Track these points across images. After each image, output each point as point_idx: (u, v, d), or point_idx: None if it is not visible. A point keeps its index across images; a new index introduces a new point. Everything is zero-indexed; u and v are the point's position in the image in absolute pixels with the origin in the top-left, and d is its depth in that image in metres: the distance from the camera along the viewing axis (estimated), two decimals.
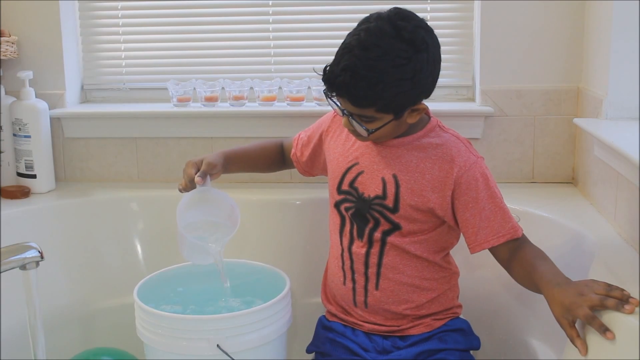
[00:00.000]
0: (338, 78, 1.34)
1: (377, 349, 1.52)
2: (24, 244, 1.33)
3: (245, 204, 2.08)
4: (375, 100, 1.34)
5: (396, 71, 1.33)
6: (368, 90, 1.32)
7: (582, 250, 1.62)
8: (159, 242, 2.09)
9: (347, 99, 1.36)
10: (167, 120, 2.23)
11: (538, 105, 2.09)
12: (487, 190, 1.44)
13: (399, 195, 1.45)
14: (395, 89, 1.34)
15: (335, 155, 1.56)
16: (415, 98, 1.39)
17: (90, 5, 2.32)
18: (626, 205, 1.60)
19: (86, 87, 2.38)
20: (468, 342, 1.54)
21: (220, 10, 2.29)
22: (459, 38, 2.20)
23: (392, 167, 1.47)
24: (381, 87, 1.32)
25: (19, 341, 1.57)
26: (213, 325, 1.48)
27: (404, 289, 1.50)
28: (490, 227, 1.43)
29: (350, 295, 1.54)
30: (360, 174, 1.49)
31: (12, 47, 2.17)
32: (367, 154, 1.50)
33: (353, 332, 1.55)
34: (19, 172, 2.18)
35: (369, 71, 1.32)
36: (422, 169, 1.45)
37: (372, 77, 1.32)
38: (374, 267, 1.50)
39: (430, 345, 1.50)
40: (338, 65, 1.35)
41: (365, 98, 1.34)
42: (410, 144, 1.47)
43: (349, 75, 1.32)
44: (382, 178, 1.47)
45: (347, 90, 1.35)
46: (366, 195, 1.48)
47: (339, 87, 1.35)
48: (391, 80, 1.33)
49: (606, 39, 1.79)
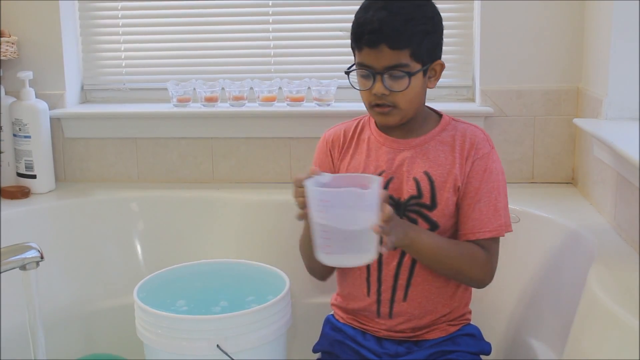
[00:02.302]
0: (374, 17, 1.37)
1: (389, 354, 1.51)
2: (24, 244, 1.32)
3: (246, 204, 2.09)
4: (410, 38, 1.38)
5: (420, 10, 1.41)
6: (404, 24, 1.37)
7: (582, 250, 1.62)
8: (159, 242, 2.10)
9: (384, 41, 1.37)
10: (167, 120, 2.23)
11: (538, 106, 2.09)
12: (488, 183, 1.46)
13: (435, 191, 1.45)
14: (423, 27, 1.40)
15: (357, 169, 1.51)
16: (436, 46, 1.45)
17: (90, 5, 2.33)
18: (625, 205, 1.60)
19: (86, 88, 2.38)
20: (479, 347, 1.54)
21: (220, 10, 2.29)
22: (459, 38, 2.20)
23: (422, 166, 1.47)
24: (412, 23, 1.38)
25: (19, 341, 1.57)
26: (213, 325, 1.48)
27: (432, 297, 1.49)
28: (479, 219, 1.44)
29: (374, 307, 1.51)
30: (391, 180, 1.47)
31: (12, 47, 2.17)
32: (391, 159, 1.48)
33: (363, 336, 1.54)
34: (19, 173, 2.18)
35: (400, 9, 1.38)
36: (449, 160, 1.47)
37: (404, 13, 1.38)
38: (404, 277, 1.48)
39: (444, 347, 1.50)
40: (368, 12, 1.39)
41: (403, 34, 1.37)
42: (433, 140, 1.48)
43: (385, 13, 1.37)
44: (414, 178, 1.46)
45: (386, 27, 1.36)
46: (402, 199, 1.47)
47: (376, 27, 1.36)
48: (419, 17, 1.39)
49: (606, 39, 1.79)
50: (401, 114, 1.44)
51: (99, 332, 2.01)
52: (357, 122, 1.57)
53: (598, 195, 1.84)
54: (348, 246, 1.27)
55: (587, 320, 1.32)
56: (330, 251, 1.28)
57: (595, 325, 1.27)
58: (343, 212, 1.25)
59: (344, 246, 1.27)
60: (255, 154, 2.21)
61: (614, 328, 1.14)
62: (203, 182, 2.24)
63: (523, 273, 1.79)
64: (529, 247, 1.79)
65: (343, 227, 1.25)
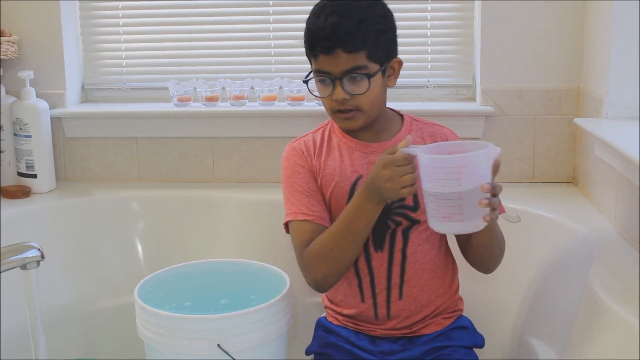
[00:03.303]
0: (326, 22, 1.35)
1: (384, 352, 1.51)
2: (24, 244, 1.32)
3: (246, 204, 2.09)
4: (365, 39, 1.36)
5: (371, 10, 1.39)
6: (357, 26, 1.35)
7: (582, 250, 1.62)
8: (159, 242, 2.10)
9: (339, 46, 1.35)
10: (167, 120, 2.23)
11: (538, 105, 2.09)
12: None
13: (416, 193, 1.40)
14: (376, 26, 1.38)
15: (333, 175, 1.48)
16: (391, 44, 1.44)
17: (90, 5, 2.32)
18: (626, 205, 1.60)
19: (87, 87, 2.39)
20: (473, 340, 1.55)
21: (221, 10, 2.29)
22: (459, 38, 2.20)
23: None
24: (365, 24, 1.36)
25: (19, 341, 1.57)
26: (213, 325, 1.48)
27: (425, 290, 1.49)
28: None
29: (371, 311, 1.51)
30: None
31: (13, 47, 2.17)
32: (367, 163, 1.47)
33: (357, 336, 1.54)
34: (19, 172, 2.18)
35: (351, 10, 1.36)
36: None
37: (356, 15, 1.36)
38: (397, 276, 1.48)
39: (437, 343, 1.51)
40: (319, 18, 1.37)
41: (357, 36, 1.35)
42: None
43: (336, 17, 1.35)
44: None
45: (339, 32, 1.35)
46: None
47: (329, 33, 1.35)
48: (371, 17, 1.38)
49: (606, 39, 1.79)
50: (364, 116, 1.43)
51: (99, 332, 2.01)
52: (321, 130, 1.55)
53: (599, 195, 1.84)
54: (479, 209, 1.23)
55: (588, 319, 1.32)
56: (462, 218, 1.24)
57: (596, 325, 1.27)
58: (474, 175, 1.22)
59: (476, 210, 1.23)
60: (256, 154, 2.21)
61: (615, 327, 1.14)
62: (203, 182, 2.24)
63: (523, 273, 1.79)
64: (530, 247, 1.79)
65: (477, 186, 1.21)
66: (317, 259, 1.42)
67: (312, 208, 1.46)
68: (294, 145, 1.54)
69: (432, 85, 2.24)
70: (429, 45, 2.22)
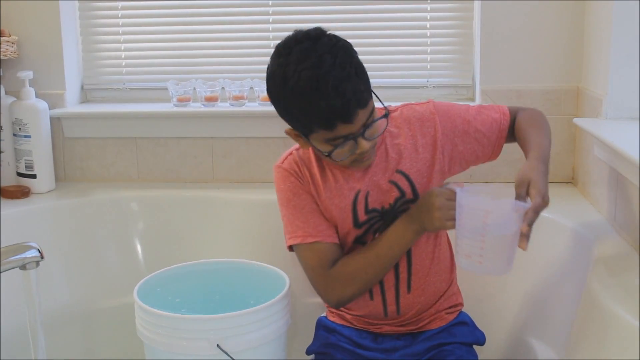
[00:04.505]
0: (338, 92, 1.27)
1: (386, 349, 1.52)
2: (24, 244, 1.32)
3: (245, 204, 2.09)
4: (365, 86, 1.34)
5: (347, 57, 1.33)
6: (358, 78, 1.32)
7: (582, 249, 1.62)
8: (159, 242, 2.10)
9: (358, 107, 1.30)
10: (167, 120, 2.23)
11: (538, 105, 2.08)
12: (459, 107, 1.51)
13: (414, 184, 1.46)
14: (360, 68, 1.35)
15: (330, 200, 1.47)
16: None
17: (90, 5, 2.32)
18: (626, 205, 1.60)
19: (86, 87, 2.38)
20: (474, 336, 1.56)
21: (220, 10, 2.29)
22: (459, 38, 2.20)
23: (389, 167, 1.46)
24: (358, 72, 1.33)
25: (19, 341, 1.57)
26: (213, 325, 1.48)
27: (430, 279, 1.51)
28: (493, 120, 1.50)
29: (381, 308, 1.52)
30: (368, 195, 1.46)
31: (12, 47, 2.17)
32: (360, 177, 1.46)
33: (359, 334, 1.54)
34: (19, 172, 2.18)
35: (350, 67, 1.32)
36: (410, 148, 1.46)
37: (350, 67, 1.32)
38: (404, 270, 1.49)
39: (440, 340, 1.51)
40: (326, 93, 1.28)
41: (363, 88, 1.32)
42: (384, 138, 1.46)
43: (347, 83, 1.29)
44: (390, 181, 1.46)
45: (353, 95, 1.29)
46: (386, 206, 1.46)
47: (349, 99, 1.29)
48: (354, 62, 1.34)
49: (606, 39, 1.79)
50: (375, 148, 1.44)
51: (99, 332, 2.01)
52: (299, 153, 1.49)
53: (598, 195, 1.84)
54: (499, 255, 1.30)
55: (587, 320, 1.32)
56: (482, 260, 1.28)
57: (595, 325, 1.27)
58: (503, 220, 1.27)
59: (496, 256, 1.29)
60: (256, 154, 2.21)
61: (614, 328, 1.14)
62: (203, 182, 2.24)
63: (523, 273, 1.78)
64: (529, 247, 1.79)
65: (499, 234, 1.28)
66: (348, 280, 1.44)
67: (318, 228, 1.46)
68: (284, 167, 1.49)
69: (431, 86, 2.24)
70: (428, 45, 2.22)
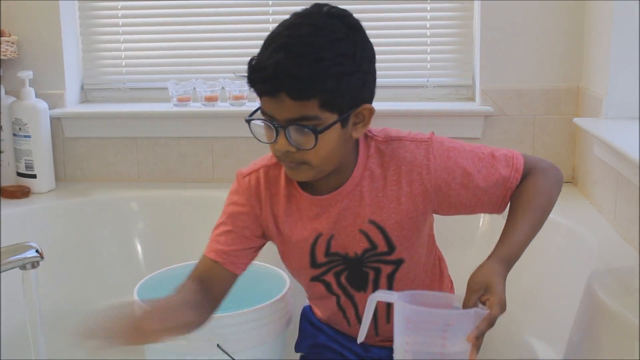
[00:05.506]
0: (269, 61, 1.09)
1: (374, 357, 1.46)
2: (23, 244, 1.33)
3: None
4: (317, 85, 1.09)
5: (333, 46, 1.11)
6: (308, 69, 1.08)
7: (582, 249, 1.62)
8: (159, 242, 2.10)
9: (283, 90, 1.09)
10: (167, 120, 2.23)
11: (538, 105, 2.09)
12: (463, 153, 1.24)
13: (389, 236, 1.26)
14: (338, 68, 1.10)
15: (287, 237, 1.30)
16: (361, 88, 1.15)
17: (90, 5, 2.32)
18: (626, 205, 1.60)
19: (86, 87, 2.38)
20: None
21: (220, 10, 2.29)
22: (459, 38, 2.20)
23: (363, 214, 1.25)
24: (322, 66, 1.09)
25: (19, 341, 1.57)
26: (213, 325, 1.47)
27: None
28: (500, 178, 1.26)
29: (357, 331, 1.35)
30: (332, 238, 1.27)
31: (12, 47, 2.17)
32: (326, 219, 1.26)
33: (346, 337, 1.46)
34: (19, 172, 2.18)
35: (306, 46, 1.10)
36: (391, 196, 1.24)
37: (311, 52, 1.09)
38: (382, 305, 1.33)
39: None
40: (265, 52, 1.12)
41: (306, 81, 1.08)
42: (362, 178, 1.24)
43: (282, 54, 1.09)
44: (359, 230, 1.26)
45: (283, 74, 1.08)
46: (351, 254, 1.28)
47: (271, 74, 1.09)
48: (331, 56, 1.10)
49: (606, 38, 1.79)
50: (314, 170, 1.18)
51: None
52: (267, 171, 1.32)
53: (598, 195, 1.84)
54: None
55: (587, 319, 1.32)
56: None
57: (595, 325, 1.27)
58: (459, 335, 1.10)
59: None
60: (256, 154, 2.18)
61: (615, 327, 1.14)
62: (203, 182, 2.24)
63: (523, 272, 1.78)
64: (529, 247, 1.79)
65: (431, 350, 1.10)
66: None
67: (232, 254, 1.31)
68: (244, 182, 1.33)
69: (431, 85, 2.24)
70: (428, 45, 2.22)
